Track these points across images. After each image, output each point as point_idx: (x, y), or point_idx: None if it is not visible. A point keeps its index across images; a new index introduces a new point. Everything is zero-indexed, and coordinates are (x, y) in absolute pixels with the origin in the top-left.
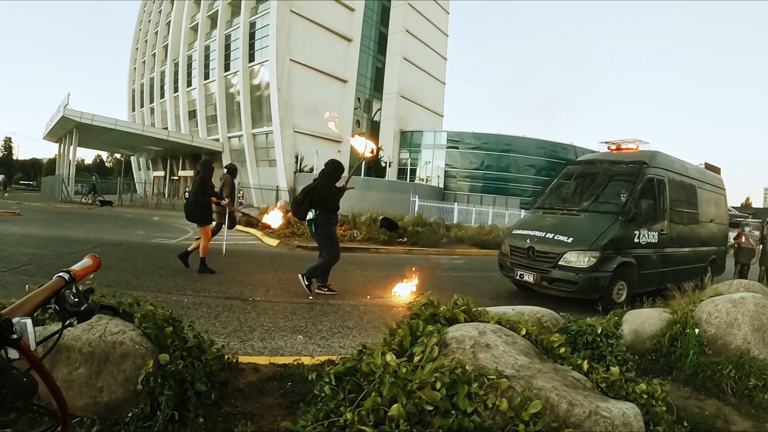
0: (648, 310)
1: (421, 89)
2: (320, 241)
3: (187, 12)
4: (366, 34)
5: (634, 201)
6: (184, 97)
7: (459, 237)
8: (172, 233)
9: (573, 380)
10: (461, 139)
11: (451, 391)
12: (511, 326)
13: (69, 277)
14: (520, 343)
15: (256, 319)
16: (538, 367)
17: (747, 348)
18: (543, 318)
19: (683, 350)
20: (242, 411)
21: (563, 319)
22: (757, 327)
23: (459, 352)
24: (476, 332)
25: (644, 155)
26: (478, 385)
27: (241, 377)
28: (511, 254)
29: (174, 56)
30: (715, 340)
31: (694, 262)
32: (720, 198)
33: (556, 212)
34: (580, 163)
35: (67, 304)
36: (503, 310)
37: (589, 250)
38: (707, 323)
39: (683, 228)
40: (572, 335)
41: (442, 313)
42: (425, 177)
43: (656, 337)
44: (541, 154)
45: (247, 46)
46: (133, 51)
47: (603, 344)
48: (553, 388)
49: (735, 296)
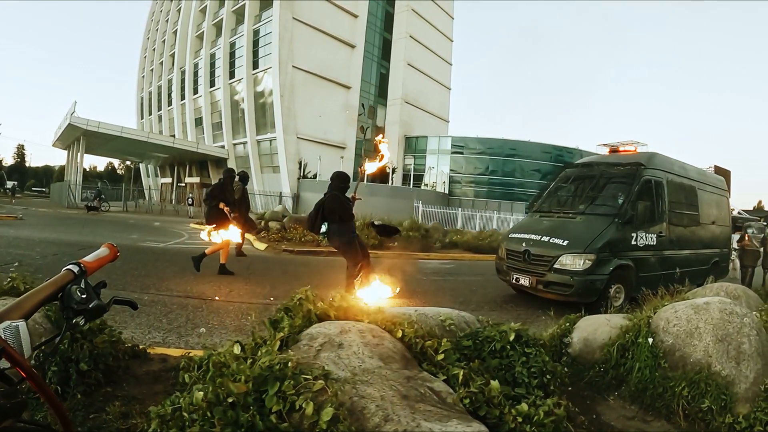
0: (602, 316)
1: (426, 95)
2: (341, 251)
3: (193, 20)
4: (369, 40)
5: (631, 203)
6: (190, 105)
7: (454, 242)
8: (165, 237)
9: (428, 391)
10: (466, 144)
11: (263, 386)
12: (388, 327)
13: (78, 270)
14: (386, 345)
15: (205, 317)
16: (384, 372)
17: (708, 362)
18: (447, 321)
19: (634, 362)
20: (126, 394)
21: (480, 323)
22: (721, 337)
23: (304, 350)
24: (337, 330)
25: (642, 157)
26: (294, 384)
27: (144, 365)
28: (508, 258)
29: (180, 64)
30: (672, 351)
31: (695, 264)
32: (722, 200)
33: (552, 215)
34: (577, 165)
35: (73, 302)
36: (405, 311)
37: (585, 252)
38: (665, 332)
39: (683, 230)
40: (480, 342)
41: (315, 310)
42: (431, 183)
43: (607, 346)
44: (546, 159)
45: (251, 53)
46: (141, 59)
47: (515, 353)
48: (380, 397)
49: (698, 301)
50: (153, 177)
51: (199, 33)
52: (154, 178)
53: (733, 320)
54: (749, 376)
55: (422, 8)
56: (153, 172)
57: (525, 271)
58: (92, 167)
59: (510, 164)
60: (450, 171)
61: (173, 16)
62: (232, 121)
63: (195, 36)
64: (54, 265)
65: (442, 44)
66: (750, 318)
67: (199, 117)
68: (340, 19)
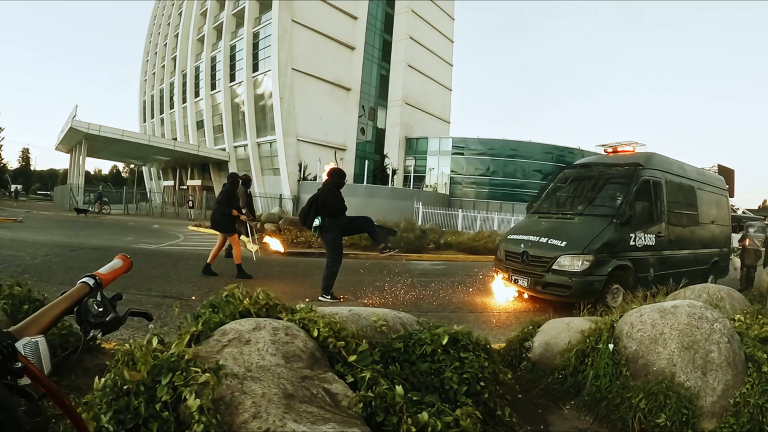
0: (566, 319)
1: (427, 96)
2: (329, 247)
3: (194, 24)
4: (370, 42)
5: (629, 203)
6: (192, 108)
7: (449, 243)
8: (159, 239)
9: (321, 393)
10: (467, 145)
11: (158, 377)
12: (305, 326)
13: (94, 283)
14: (296, 344)
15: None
16: (280, 371)
17: (672, 371)
18: (378, 322)
19: (594, 369)
20: (71, 384)
21: (420, 325)
22: (687, 345)
23: (212, 344)
24: (250, 327)
25: (640, 157)
26: (185, 376)
27: (96, 359)
28: (506, 259)
29: (182, 67)
30: (635, 358)
31: (695, 264)
32: (721, 199)
33: (550, 216)
34: (575, 166)
35: (90, 315)
36: (337, 311)
37: (583, 253)
38: (629, 337)
39: (682, 230)
40: (412, 345)
41: (238, 307)
42: (433, 184)
43: (566, 352)
44: (548, 159)
45: (251, 56)
46: (144, 63)
47: (448, 358)
48: (261, 394)
49: (666, 305)
50: (156, 180)
51: (200, 36)
52: (156, 181)
53: (702, 326)
54: (716, 388)
55: (422, 9)
56: (156, 175)
57: (523, 272)
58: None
59: (511, 165)
60: (451, 172)
61: (174, 19)
62: (233, 123)
63: (196, 39)
64: (43, 266)
65: (442, 45)
66: (722, 323)
67: (200, 120)
68: (340, 21)
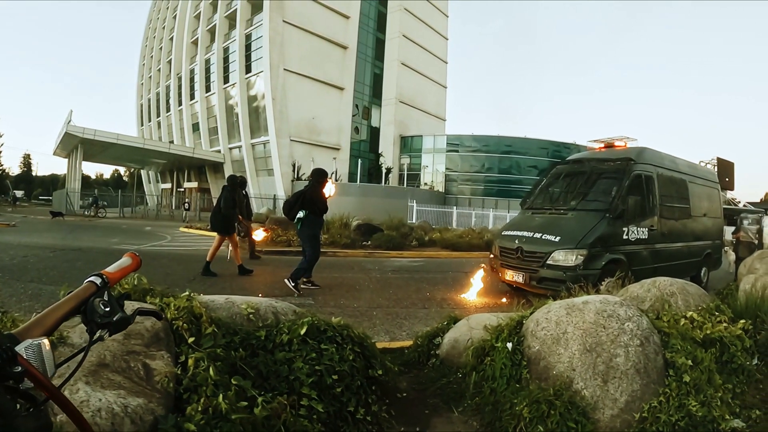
0: (475, 316)
1: (422, 94)
2: (304, 240)
3: (189, 27)
4: (362, 41)
5: (622, 198)
6: (187, 110)
7: (432, 239)
8: (147, 241)
9: (138, 366)
10: (461, 142)
11: None
12: (162, 309)
13: (101, 282)
14: (145, 324)
15: None
16: (110, 344)
17: (570, 377)
18: (247, 310)
19: (492, 370)
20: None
21: (296, 314)
22: (590, 347)
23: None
24: None
25: (632, 152)
26: None
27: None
28: (501, 255)
29: (177, 71)
30: (537, 359)
31: (688, 257)
32: (713, 192)
33: (544, 212)
34: (568, 162)
35: (96, 315)
36: (215, 298)
37: (577, 248)
38: (533, 336)
39: (674, 223)
40: (275, 333)
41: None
42: (429, 182)
43: (467, 349)
44: (543, 155)
45: (244, 58)
46: (140, 67)
47: (305, 348)
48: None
49: (576, 300)
50: (154, 183)
51: (194, 39)
52: (155, 183)
53: (610, 325)
54: (618, 399)
55: (415, 7)
56: (154, 178)
57: (518, 267)
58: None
59: (506, 161)
60: (446, 169)
61: (169, 22)
62: (227, 125)
63: (190, 42)
64: (19, 266)
65: (436, 43)
66: (635, 323)
67: (196, 122)
68: (332, 20)
